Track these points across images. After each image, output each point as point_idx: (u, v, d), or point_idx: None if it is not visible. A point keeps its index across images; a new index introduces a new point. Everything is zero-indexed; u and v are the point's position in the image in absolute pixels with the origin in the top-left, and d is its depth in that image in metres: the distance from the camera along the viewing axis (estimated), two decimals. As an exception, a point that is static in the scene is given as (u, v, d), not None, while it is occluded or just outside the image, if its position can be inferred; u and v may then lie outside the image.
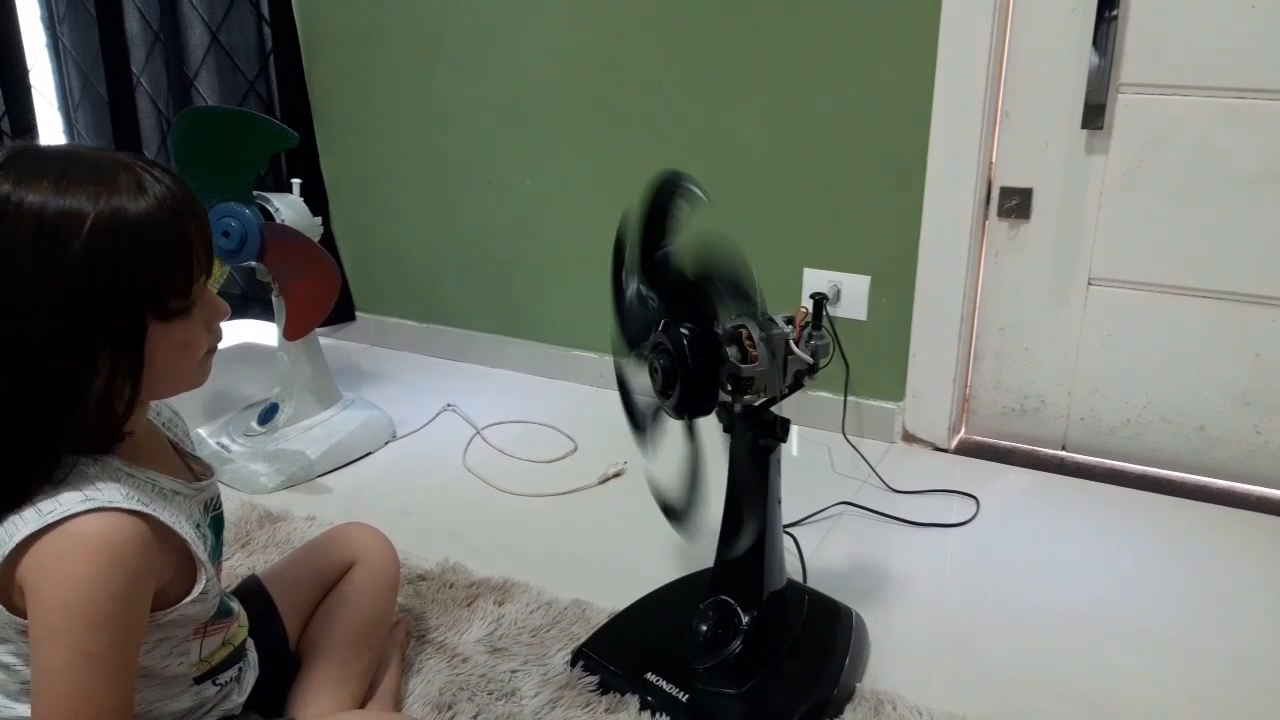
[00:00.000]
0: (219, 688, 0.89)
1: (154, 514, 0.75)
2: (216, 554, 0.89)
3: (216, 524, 0.89)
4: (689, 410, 0.97)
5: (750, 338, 0.98)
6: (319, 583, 1.08)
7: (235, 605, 0.91)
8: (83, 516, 0.72)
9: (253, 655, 0.96)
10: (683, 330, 0.95)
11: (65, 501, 0.72)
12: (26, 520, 0.72)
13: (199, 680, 0.86)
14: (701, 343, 0.95)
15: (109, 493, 0.74)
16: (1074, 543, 1.45)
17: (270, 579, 1.07)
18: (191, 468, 0.88)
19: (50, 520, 0.71)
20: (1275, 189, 1.46)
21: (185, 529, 0.79)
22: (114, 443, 0.77)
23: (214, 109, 1.96)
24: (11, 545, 0.71)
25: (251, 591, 1.03)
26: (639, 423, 1.06)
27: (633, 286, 1.01)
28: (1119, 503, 1.57)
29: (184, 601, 0.80)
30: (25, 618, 0.72)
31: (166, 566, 0.78)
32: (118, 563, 0.72)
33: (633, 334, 1.03)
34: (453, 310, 2.17)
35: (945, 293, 1.66)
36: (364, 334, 2.28)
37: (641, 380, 1.01)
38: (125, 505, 0.73)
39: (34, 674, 0.72)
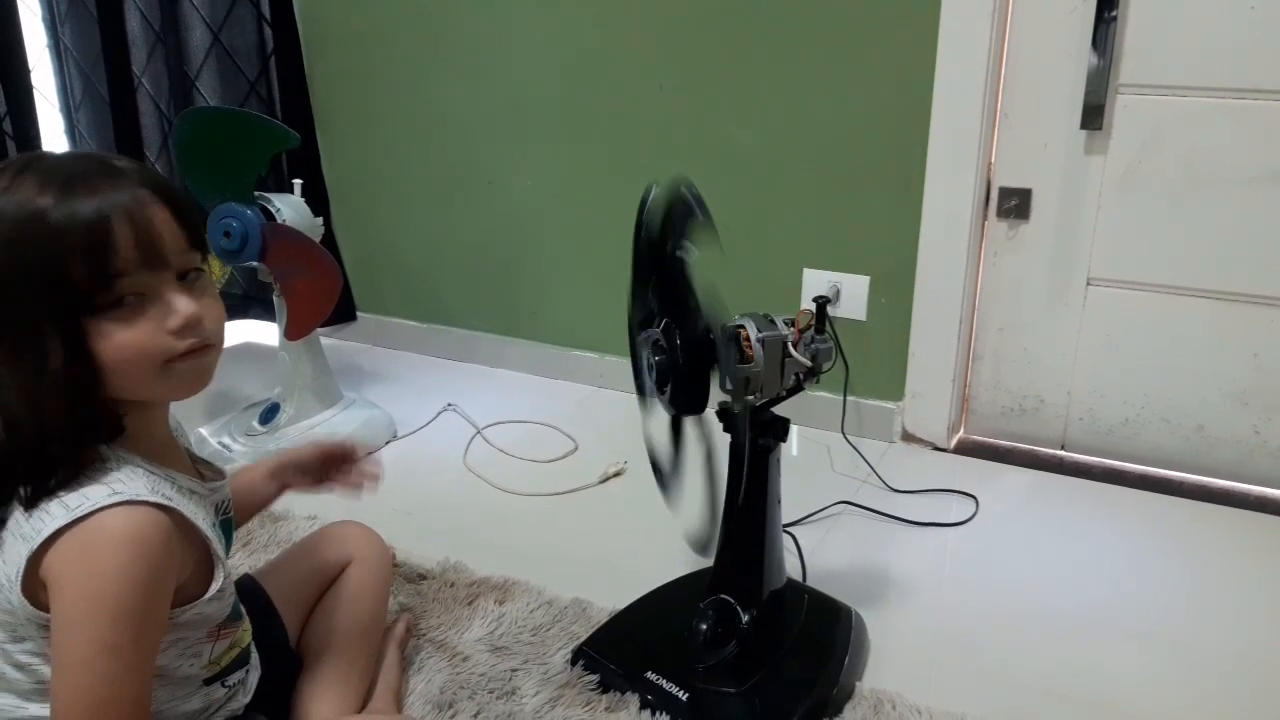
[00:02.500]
0: (227, 689, 0.89)
1: (177, 508, 0.77)
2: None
3: (226, 527, 0.89)
4: (681, 407, 0.98)
5: (748, 338, 0.99)
6: (316, 581, 1.09)
7: (242, 608, 0.91)
8: (110, 510, 0.73)
9: (255, 656, 0.96)
10: (679, 332, 0.95)
11: (92, 496, 0.73)
12: (54, 515, 0.72)
13: (208, 682, 0.87)
14: (694, 344, 0.96)
15: (134, 486, 0.75)
16: (1073, 542, 1.45)
17: (266, 578, 1.07)
18: (203, 473, 0.88)
19: (78, 514, 0.72)
20: (1274, 189, 1.47)
21: (204, 525, 0.81)
22: (113, 431, 0.77)
23: (215, 109, 1.96)
24: (39, 540, 0.72)
25: (249, 591, 1.03)
26: (643, 388, 1.06)
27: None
28: (1118, 502, 1.58)
29: (202, 599, 0.81)
30: (48, 612, 0.73)
31: (188, 561, 0.79)
32: (143, 556, 0.73)
33: (641, 316, 1.03)
34: (453, 310, 2.18)
35: (944, 293, 1.67)
36: (365, 334, 2.28)
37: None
38: (151, 499, 0.75)
39: (54, 667, 0.73)
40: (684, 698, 1.06)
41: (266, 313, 2.13)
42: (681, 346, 0.95)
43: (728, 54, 1.72)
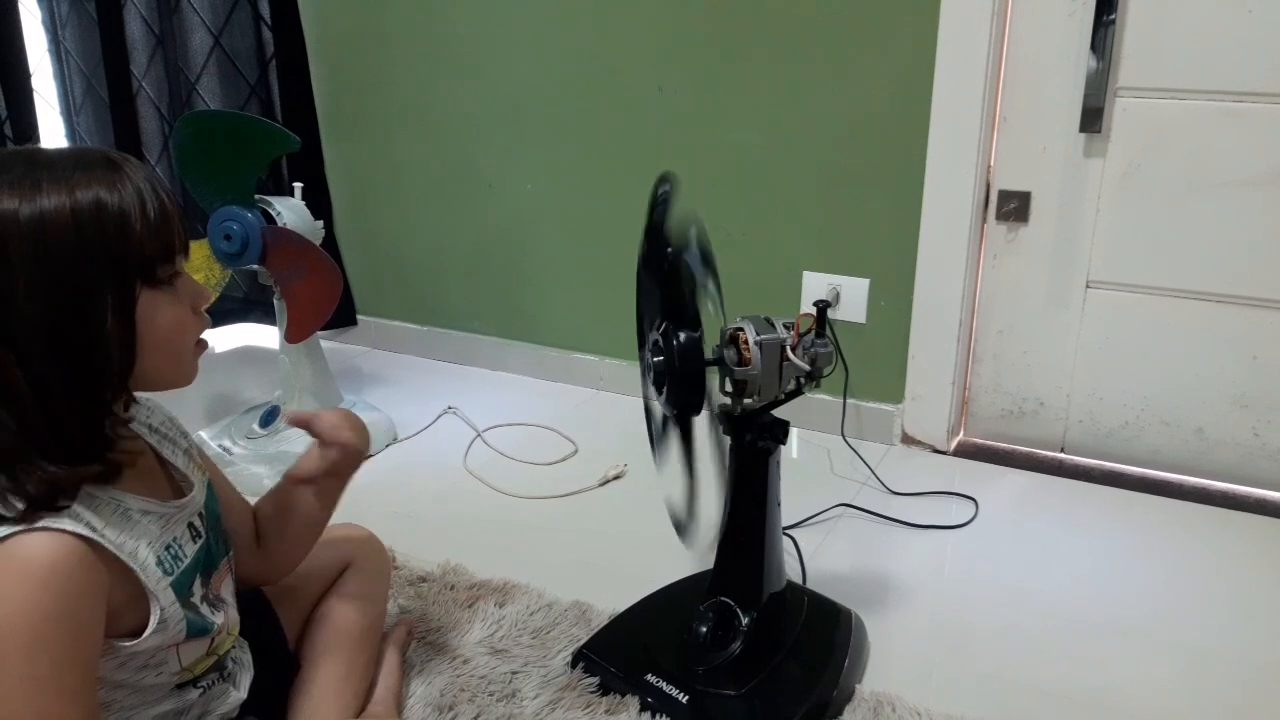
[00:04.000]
0: (201, 690, 0.87)
1: (101, 541, 0.74)
2: (215, 561, 0.87)
3: (215, 528, 0.88)
4: (678, 407, 0.98)
5: (746, 341, 0.99)
6: (315, 584, 1.08)
7: (217, 620, 0.87)
8: (27, 534, 0.70)
9: (246, 656, 0.95)
10: (677, 333, 0.95)
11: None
12: None
13: (181, 686, 0.85)
14: (690, 346, 0.96)
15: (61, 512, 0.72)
16: (1073, 545, 1.46)
17: None
18: (177, 484, 0.86)
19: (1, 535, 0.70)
20: (1272, 192, 1.47)
21: (142, 556, 0.77)
22: (95, 449, 0.75)
23: (216, 113, 1.97)
24: None
25: (248, 593, 1.02)
26: (653, 434, 1.06)
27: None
28: (1117, 505, 1.58)
29: (144, 635, 0.78)
30: None
31: (117, 590, 0.75)
32: (54, 585, 0.70)
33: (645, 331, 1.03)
34: (454, 313, 2.18)
35: (944, 295, 1.67)
36: (365, 337, 2.28)
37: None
38: (71, 528, 0.72)
39: None
40: (684, 700, 1.06)
41: (267, 316, 2.14)
42: (678, 347, 0.95)
43: (727, 55, 1.72)
